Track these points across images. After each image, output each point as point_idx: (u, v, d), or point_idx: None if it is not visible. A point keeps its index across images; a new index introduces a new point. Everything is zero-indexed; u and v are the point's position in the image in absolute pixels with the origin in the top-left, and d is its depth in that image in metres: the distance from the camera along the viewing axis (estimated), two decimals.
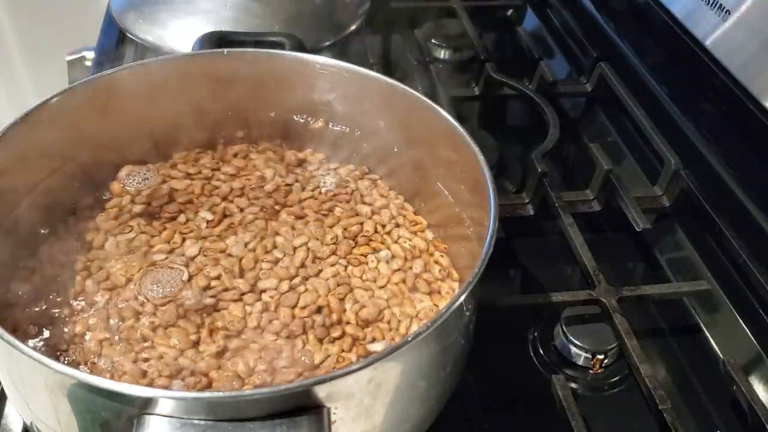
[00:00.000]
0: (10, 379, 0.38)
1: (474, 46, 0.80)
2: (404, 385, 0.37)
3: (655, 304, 0.58)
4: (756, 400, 0.47)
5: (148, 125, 0.53)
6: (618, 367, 0.52)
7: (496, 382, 0.51)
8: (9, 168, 0.45)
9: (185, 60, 0.54)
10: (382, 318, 0.45)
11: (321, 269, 0.47)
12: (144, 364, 0.41)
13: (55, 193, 0.49)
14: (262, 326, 0.43)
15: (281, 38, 0.61)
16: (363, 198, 0.52)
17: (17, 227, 0.46)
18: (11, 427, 0.45)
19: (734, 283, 0.56)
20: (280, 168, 0.54)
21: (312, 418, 0.33)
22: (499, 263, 0.40)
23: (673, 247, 0.62)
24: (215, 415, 0.32)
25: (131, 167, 0.52)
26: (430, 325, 0.35)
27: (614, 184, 0.61)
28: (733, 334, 0.55)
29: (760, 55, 0.58)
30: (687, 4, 0.67)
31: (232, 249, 0.47)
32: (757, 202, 0.56)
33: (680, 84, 0.68)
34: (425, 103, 0.49)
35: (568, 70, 0.84)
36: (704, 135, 0.63)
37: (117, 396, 0.32)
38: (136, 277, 0.45)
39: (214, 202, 0.51)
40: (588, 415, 0.47)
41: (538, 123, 0.70)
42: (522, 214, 0.62)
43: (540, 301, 0.54)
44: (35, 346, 0.41)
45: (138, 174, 0.51)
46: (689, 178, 0.61)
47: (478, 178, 0.44)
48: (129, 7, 0.74)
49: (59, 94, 0.47)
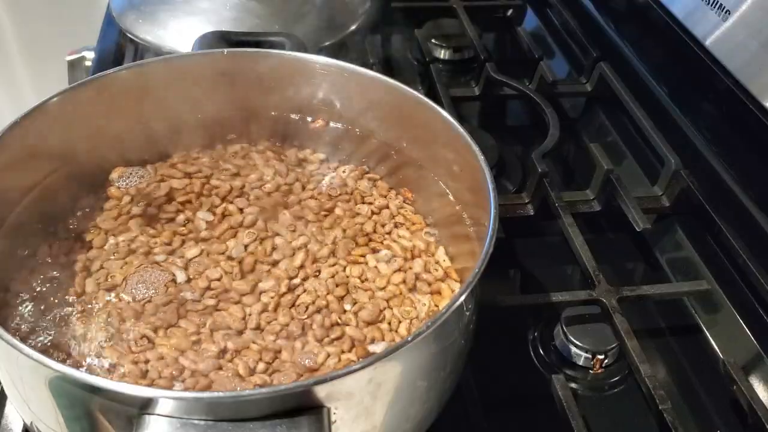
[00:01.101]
0: (10, 379, 0.38)
1: (474, 46, 0.80)
2: (404, 385, 0.37)
3: (655, 304, 0.58)
4: (756, 400, 0.47)
5: (148, 125, 0.53)
6: (618, 367, 0.52)
7: (496, 382, 0.51)
8: (9, 168, 0.45)
9: (185, 60, 0.54)
10: (382, 318, 0.45)
11: (320, 270, 0.47)
12: (144, 364, 0.41)
13: (55, 193, 0.49)
14: (261, 327, 0.43)
15: (281, 38, 0.61)
16: (363, 198, 0.52)
17: (17, 227, 0.46)
18: (11, 427, 0.45)
19: (734, 283, 0.56)
20: (280, 168, 0.54)
21: (312, 418, 0.33)
22: (499, 263, 0.40)
23: (673, 247, 0.62)
24: (215, 415, 0.32)
25: (122, 169, 0.51)
26: (430, 325, 0.35)
27: (614, 184, 0.61)
28: (733, 334, 0.55)
29: (760, 55, 0.58)
30: (687, 3, 0.67)
31: (232, 251, 0.47)
32: (757, 202, 0.56)
33: (680, 84, 0.68)
34: (425, 103, 0.49)
35: (568, 70, 0.84)
36: (704, 135, 0.63)
37: (117, 396, 0.32)
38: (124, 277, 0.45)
39: (214, 202, 0.51)
40: (588, 415, 0.47)
41: (538, 123, 0.70)
42: (522, 214, 0.62)
43: (540, 301, 0.54)
44: (35, 346, 0.41)
45: (131, 175, 0.51)
46: (689, 178, 0.61)
47: (478, 178, 0.44)
48: (129, 7, 0.74)
49: (59, 94, 0.47)
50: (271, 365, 0.41)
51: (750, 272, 0.54)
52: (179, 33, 0.71)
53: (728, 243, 0.57)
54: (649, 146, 0.68)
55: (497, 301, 0.52)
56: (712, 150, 0.62)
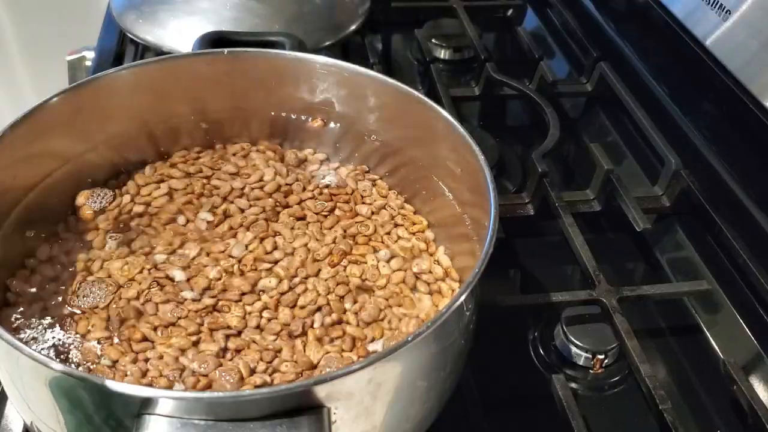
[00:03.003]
0: (10, 379, 0.38)
1: (474, 46, 0.80)
2: (404, 385, 0.37)
3: (655, 304, 0.58)
4: (756, 400, 0.47)
5: (148, 125, 0.53)
6: (618, 367, 0.52)
7: (496, 382, 0.51)
8: (9, 168, 0.45)
9: (185, 60, 0.54)
10: (383, 318, 0.45)
11: (320, 269, 0.47)
12: (144, 364, 0.41)
13: (55, 192, 0.49)
14: (262, 326, 0.43)
15: (281, 38, 0.61)
16: (363, 198, 0.52)
17: (17, 227, 0.46)
18: (11, 427, 0.45)
19: (734, 283, 0.56)
20: (280, 168, 0.54)
21: (312, 418, 0.33)
22: (499, 263, 0.40)
23: (673, 247, 0.62)
24: (215, 415, 0.32)
25: (87, 192, 0.50)
26: (430, 325, 0.35)
27: (614, 184, 0.61)
28: (733, 334, 0.55)
29: (760, 55, 0.58)
30: (687, 3, 0.67)
31: (232, 251, 0.47)
32: (757, 202, 0.56)
33: (680, 84, 0.68)
34: (425, 103, 0.49)
35: (568, 70, 0.84)
36: (704, 135, 0.63)
37: (117, 396, 0.32)
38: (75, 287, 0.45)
39: (214, 202, 0.51)
40: (588, 415, 0.47)
41: (538, 123, 0.70)
42: (522, 214, 0.62)
43: (540, 301, 0.54)
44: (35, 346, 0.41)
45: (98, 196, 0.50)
46: (689, 178, 0.61)
47: (478, 178, 0.44)
48: (129, 7, 0.74)
49: (59, 94, 0.47)
50: (271, 365, 0.41)
51: (750, 272, 0.54)
52: (179, 33, 0.71)
53: (728, 243, 0.57)
54: (649, 146, 0.68)
55: (497, 301, 0.52)
56: (712, 150, 0.62)
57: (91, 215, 0.49)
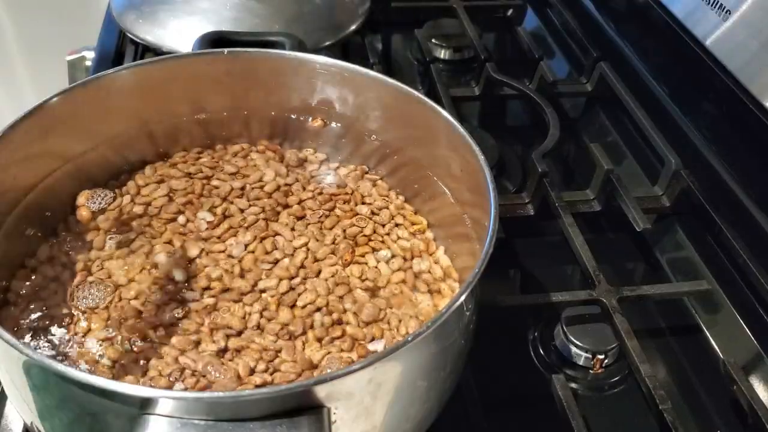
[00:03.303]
0: (10, 379, 0.38)
1: (474, 46, 0.80)
2: (404, 385, 0.37)
3: (656, 304, 0.58)
4: (756, 400, 0.47)
5: (148, 125, 0.53)
6: (618, 367, 0.52)
7: (496, 382, 0.51)
8: (9, 168, 0.45)
9: (185, 60, 0.54)
10: (382, 318, 0.45)
11: (320, 269, 0.47)
12: (144, 364, 0.40)
13: (55, 192, 0.49)
14: (262, 326, 0.43)
15: (281, 38, 0.61)
16: (363, 198, 0.52)
17: (17, 227, 0.46)
18: (11, 427, 0.45)
19: (734, 283, 0.56)
20: (280, 168, 0.54)
21: (312, 418, 0.33)
22: (499, 263, 0.40)
23: (673, 247, 0.62)
24: (215, 415, 0.32)
25: (87, 192, 0.50)
26: (430, 325, 0.35)
27: (614, 184, 0.61)
28: (733, 334, 0.55)
29: (760, 55, 0.58)
30: (687, 3, 0.67)
31: (232, 251, 0.47)
32: (757, 202, 0.56)
33: (680, 84, 0.68)
34: (425, 103, 0.49)
35: (568, 70, 0.84)
36: (704, 135, 0.63)
37: (117, 396, 0.32)
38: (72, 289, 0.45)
39: (214, 203, 0.51)
40: (588, 415, 0.47)
41: (538, 123, 0.70)
42: (522, 214, 0.62)
43: (540, 301, 0.54)
44: (35, 345, 0.41)
45: (98, 196, 0.51)
46: (689, 178, 0.61)
47: (478, 178, 0.44)
48: (129, 7, 0.74)
49: (59, 94, 0.47)
50: (271, 365, 0.41)
51: (750, 272, 0.54)
52: (179, 33, 0.71)
53: (728, 243, 0.57)
54: (649, 146, 0.68)
55: (497, 301, 0.52)
56: (712, 150, 0.62)
57: (91, 215, 0.49)
